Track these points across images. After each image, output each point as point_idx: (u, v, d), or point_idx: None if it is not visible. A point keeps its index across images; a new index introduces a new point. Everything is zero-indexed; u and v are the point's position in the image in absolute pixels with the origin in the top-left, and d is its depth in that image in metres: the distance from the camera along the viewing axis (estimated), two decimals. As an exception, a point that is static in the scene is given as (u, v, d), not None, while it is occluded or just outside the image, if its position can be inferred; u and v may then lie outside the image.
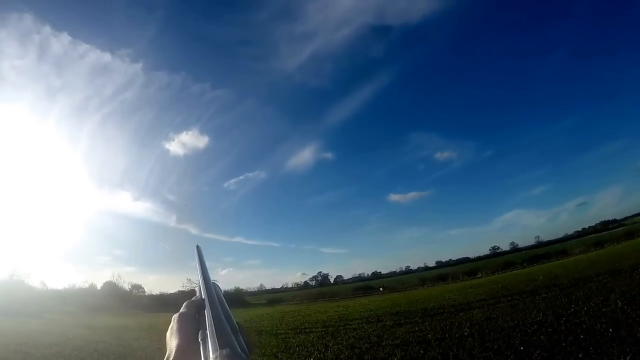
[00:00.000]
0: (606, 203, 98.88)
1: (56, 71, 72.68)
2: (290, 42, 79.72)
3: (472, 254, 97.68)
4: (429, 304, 19.42)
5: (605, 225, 75.38)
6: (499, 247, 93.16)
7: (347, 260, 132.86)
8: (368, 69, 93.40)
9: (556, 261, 40.56)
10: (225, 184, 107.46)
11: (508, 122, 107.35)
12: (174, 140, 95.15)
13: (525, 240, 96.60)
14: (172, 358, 0.53)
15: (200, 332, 0.53)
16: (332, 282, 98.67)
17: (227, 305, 0.61)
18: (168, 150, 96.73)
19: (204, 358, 0.46)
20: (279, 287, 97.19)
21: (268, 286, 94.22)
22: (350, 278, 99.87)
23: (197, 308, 0.62)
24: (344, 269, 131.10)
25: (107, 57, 74.65)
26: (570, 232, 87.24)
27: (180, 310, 0.63)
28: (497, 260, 69.75)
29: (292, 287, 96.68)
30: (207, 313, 0.56)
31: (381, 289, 59.13)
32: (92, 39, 72.12)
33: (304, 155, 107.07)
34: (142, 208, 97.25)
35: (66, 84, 72.54)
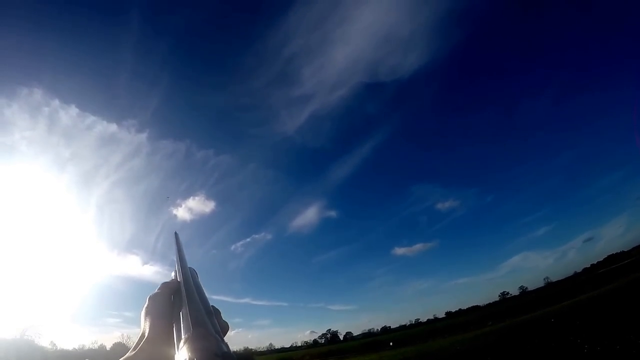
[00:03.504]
0: (612, 236, 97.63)
1: (65, 141, 75.11)
2: (288, 105, 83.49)
3: (481, 301, 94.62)
4: (439, 356, 18.47)
5: (613, 259, 73.78)
6: (508, 292, 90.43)
7: (356, 316, 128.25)
8: (365, 125, 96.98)
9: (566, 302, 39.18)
10: (232, 247, 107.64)
11: (505, 165, 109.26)
12: (181, 205, 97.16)
13: (534, 282, 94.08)
14: (145, 337, 0.52)
15: (174, 312, 0.53)
16: (341, 339, 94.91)
17: (203, 289, 0.60)
18: (175, 216, 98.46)
19: (177, 337, 0.45)
20: (289, 345, 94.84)
21: (277, 345, 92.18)
22: (360, 334, 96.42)
23: (172, 289, 0.62)
24: (353, 325, 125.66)
25: (113, 127, 77.66)
26: (579, 269, 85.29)
27: (156, 290, 0.62)
28: (507, 305, 67.23)
29: (301, 346, 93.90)
30: (182, 294, 0.56)
31: (391, 343, 56.25)
32: (99, 111, 75.37)
33: (308, 215, 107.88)
34: (151, 271, 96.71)
35: (75, 153, 74.67)
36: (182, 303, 0.53)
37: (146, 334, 0.53)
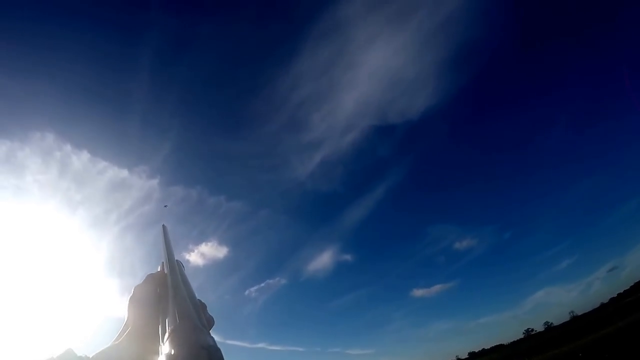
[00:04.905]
0: (637, 263, 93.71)
1: (76, 186, 76.78)
2: (299, 151, 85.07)
3: (505, 340, 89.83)
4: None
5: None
6: (532, 329, 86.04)
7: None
8: (378, 168, 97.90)
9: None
10: (246, 292, 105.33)
11: (522, 200, 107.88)
12: (193, 251, 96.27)
13: (560, 317, 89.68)
14: (130, 328, 0.51)
15: (162, 307, 0.52)
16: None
17: (189, 283, 0.59)
18: (188, 261, 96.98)
19: (162, 329, 0.44)
20: None
21: None
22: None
23: (158, 281, 0.61)
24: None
25: (124, 173, 79.47)
26: (605, 300, 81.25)
27: (142, 281, 0.61)
28: (533, 342, 63.59)
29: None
30: (169, 286, 0.55)
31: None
32: (110, 157, 77.52)
33: (323, 259, 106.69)
34: None
35: (86, 197, 75.98)
36: (168, 295, 0.52)
37: (130, 325, 0.52)
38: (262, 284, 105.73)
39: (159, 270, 0.67)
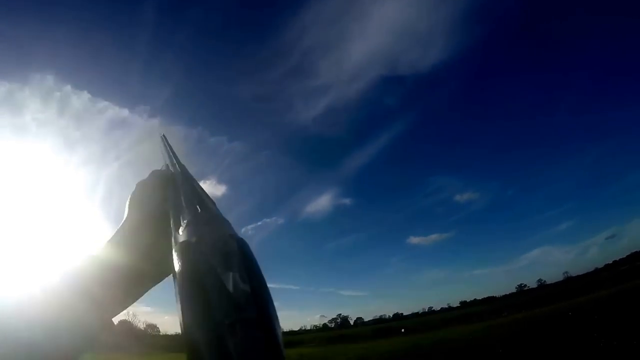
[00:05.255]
0: (636, 234, 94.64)
1: (76, 124, 77.72)
2: (304, 96, 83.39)
3: (497, 292, 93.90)
4: (451, 345, 18.62)
5: (636, 257, 71.64)
6: (525, 285, 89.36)
7: (368, 302, 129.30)
8: (383, 117, 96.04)
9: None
10: (242, 229, 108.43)
11: (529, 159, 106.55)
12: None
13: (553, 276, 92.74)
14: (131, 226, 0.47)
15: (168, 201, 0.47)
16: (352, 324, 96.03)
17: (199, 183, 0.52)
18: None
19: (174, 224, 0.39)
20: (297, 329, 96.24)
21: (286, 329, 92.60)
22: (371, 320, 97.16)
23: (165, 178, 0.55)
24: (364, 311, 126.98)
25: (125, 112, 79.61)
26: (600, 265, 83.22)
27: (146, 177, 0.56)
28: (524, 297, 66.53)
29: (311, 329, 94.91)
30: (179, 182, 0.49)
31: (402, 330, 56.75)
32: (111, 97, 77.51)
33: (322, 202, 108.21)
34: None
35: (85, 136, 77.18)
36: (179, 191, 0.46)
37: (131, 223, 0.47)
38: (259, 223, 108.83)
39: (162, 168, 0.63)
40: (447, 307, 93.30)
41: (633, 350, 8.30)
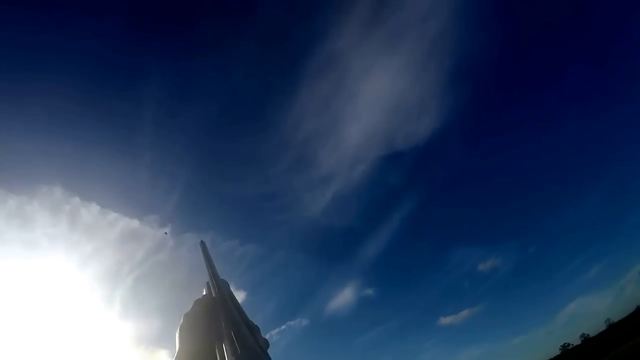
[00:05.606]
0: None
1: (87, 238, 77.26)
2: (310, 188, 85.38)
3: (542, 358, 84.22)
4: None
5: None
6: (569, 344, 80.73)
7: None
8: (391, 197, 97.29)
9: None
10: (267, 336, 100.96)
11: (541, 212, 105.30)
12: None
13: (596, 326, 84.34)
14: (182, 356, 0.48)
15: (214, 332, 0.48)
16: None
17: (239, 303, 0.55)
18: None
19: (220, 356, 0.40)
20: None
21: None
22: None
23: (208, 306, 0.58)
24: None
25: (135, 223, 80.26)
26: (641, 302, 76.48)
27: (190, 308, 0.57)
28: (570, 358, 59.21)
29: None
30: (221, 311, 0.51)
31: None
32: (120, 208, 78.56)
33: (345, 296, 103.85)
34: None
35: (97, 250, 76.23)
36: (222, 320, 0.48)
37: (183, 353, 0.49)
38: (283, 327, 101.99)
39: (204, 293, 0.64)
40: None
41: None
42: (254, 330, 0.46)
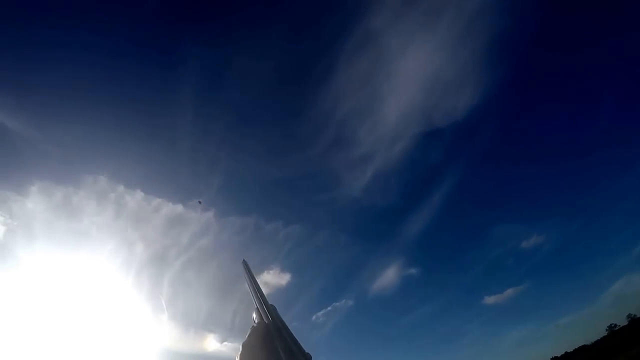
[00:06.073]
0: None
1: (133, 224, 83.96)
2: (350, 167, 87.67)
3: (588, 339, 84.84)
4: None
5: None
6: (615, 325, 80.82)
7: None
8: (431, 174, 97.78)
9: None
10: (314, 317, 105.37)
11: (586, 185, 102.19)
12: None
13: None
14: None
15: (270, 358, 0.50)
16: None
17: (290, 330, 0.58)
18: None
19: None
20: None
21: None
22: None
23: (263, 333, 0.62)
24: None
25: (179, 208, 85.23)
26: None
27: (246, 338, 0.61)
28: (617, 339, 60.54)
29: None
30: (276, 339, 0.53)
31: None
32: (163, 194, 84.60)
33: (389, 275, 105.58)
34: (230, 348, 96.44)
35: (144, 236, 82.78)
36: (279, 351, 0.49)
37: None
38: (329, 308, 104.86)
39: (256, 320, 0.71)
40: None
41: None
42: (307, 358, 0.46)
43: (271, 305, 0.51)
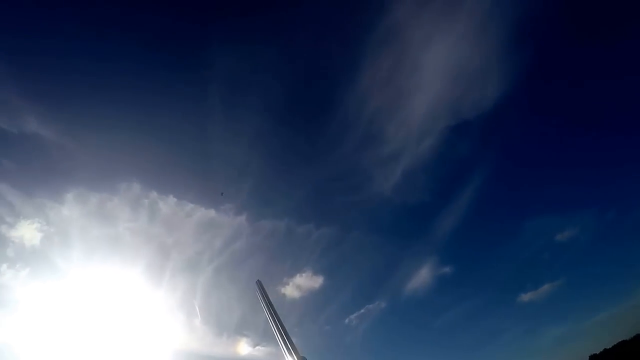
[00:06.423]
0: None
1: (167, 231, 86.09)
2: (380, 165, 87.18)
3: (627, 335, 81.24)
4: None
5: None
6: (656, 317, 77.07)
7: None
8: (461, 169, 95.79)
9: None
10: (346, 320, 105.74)
11: (619, 172, 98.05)
12: (288, 284, 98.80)
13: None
14: None
15: None
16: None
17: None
18: (284, 295, 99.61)
19: None
20: None
21: None
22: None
23: None
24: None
25: (212, 213, 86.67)
26: None
27: None
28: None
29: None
30: None
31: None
32: (196, 199, 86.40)
33: (422, 275, 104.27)
34: (263, 352, 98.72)
35: (177, 241, 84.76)
36: None
37: None
38: (362, 310, 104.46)
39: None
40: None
41: None
42: None
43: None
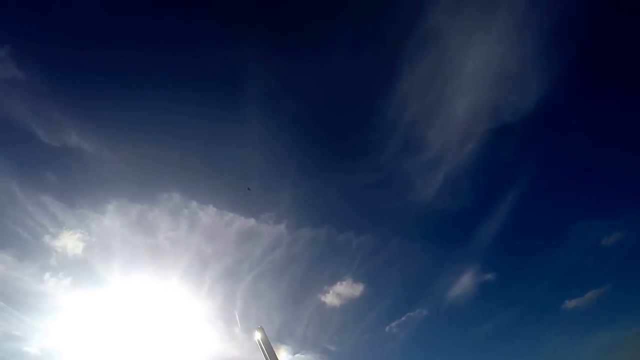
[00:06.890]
0: None
1: (206, 240, 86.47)
2: (420, 172, 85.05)
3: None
4: None
5: None
6: None
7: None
8: (503, 173, 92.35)
9: None
10: (387, 328, 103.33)
11: None
12: (329, 292, 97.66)
13: None
14: None
15: None
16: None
17: None
18: (324, 303, 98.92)
19: None
20: None
21: None
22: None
23: None
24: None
25: (251, 222, 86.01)
26: None
27: None
28: None
29: None
30: None
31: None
32: (235, 208, 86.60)
33: (464, 283, 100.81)
34: None
35: (217, 250, 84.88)
36: None
37: None
38: (403, 318, 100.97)
39: None
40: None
41: None
42: None
43: None
